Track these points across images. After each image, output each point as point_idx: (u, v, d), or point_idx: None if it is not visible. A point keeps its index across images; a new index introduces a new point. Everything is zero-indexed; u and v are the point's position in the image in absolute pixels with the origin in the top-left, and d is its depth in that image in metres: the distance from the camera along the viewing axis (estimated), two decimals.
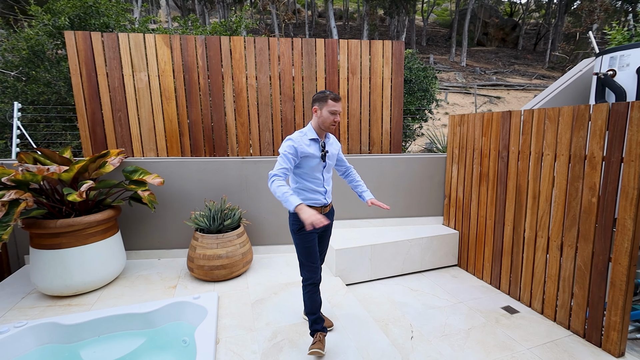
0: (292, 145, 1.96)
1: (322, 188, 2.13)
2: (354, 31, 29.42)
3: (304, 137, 2.02)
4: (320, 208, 2.14)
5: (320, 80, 3.93)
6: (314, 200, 2.11)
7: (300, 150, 1.97)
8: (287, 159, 1.93)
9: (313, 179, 2.08)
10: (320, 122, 2.02)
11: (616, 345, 2.22)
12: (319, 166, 2.08)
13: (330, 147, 2.16)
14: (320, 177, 2.11)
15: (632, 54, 2.99)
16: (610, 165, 2.19)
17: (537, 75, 21.68)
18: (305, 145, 2.00)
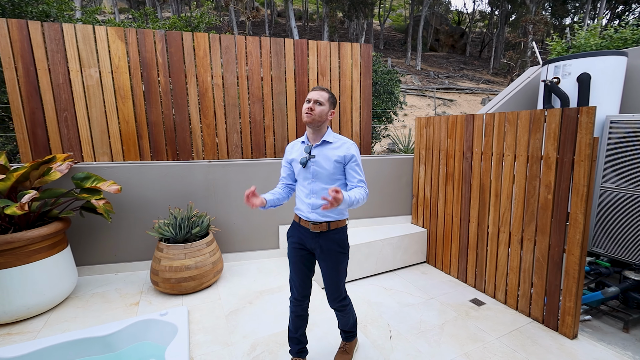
0: (286, 152, 1.95)
1: (308, 199, 1.81)
2: (314, 32, 29.59)
3: (298, 140, 1.92)
4: (308, 223, 1.83)
5: (290, 81, 3.86)
6: (299, 210, 1.89)
7: (287, 156, 1.93)
8: (281, 168, 1.95)
9: (301, 187, 1.86)
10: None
11: (571, 328, 2.44)
12: (302, 173, 1.82)
13: (322, 153, 1.77)
14: (307, 186, 1.81)
15: (573, 64, 3.33)
16: (563, 165, 2.40)
17: (483, 80, 23.49)
18: (293, 149, 1.90)
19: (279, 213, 3.69)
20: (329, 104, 1.80)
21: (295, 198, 1.94)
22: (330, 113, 1.81)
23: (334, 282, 1.89)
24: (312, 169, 1.79)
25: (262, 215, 3.63)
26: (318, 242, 1.84)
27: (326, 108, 1.78)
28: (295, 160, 1.87)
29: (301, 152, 1.84)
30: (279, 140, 3.89)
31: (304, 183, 1.84)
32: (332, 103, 1.83)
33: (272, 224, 3.69)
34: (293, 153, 1.89)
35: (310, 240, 1.85)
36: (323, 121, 1.78)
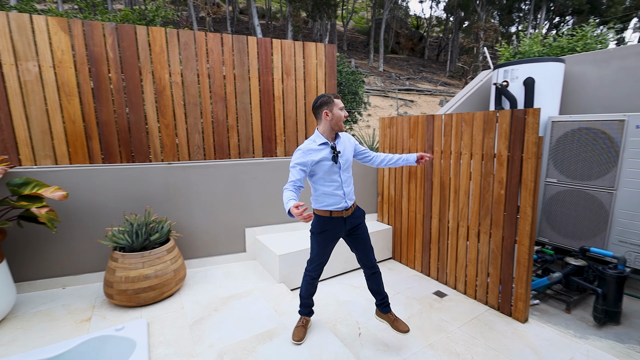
0: (300, 156, 2.01)
1: (340, 191, 2.11)
2: (278, 31, 29.30)
3: (313, 143, 2.07)
4: (342, 212, 2.14)
5: (254, 80, 3.77)
6: (334, 206, 2.11)
7: (310, 159, 2.01)
8: (296, 171, 1.98)
9: (330, 183, 2.09)
10: (334, 123, 2.08)
11: (522, 313, 2.65)
12: (333, 168, 2.08)
13: (343, 146, 2.15)
14: (338, 179, 2.10)
15: (520, 69, 3.61)
16: (513, 162, 2.59)
17: (440, 82, 24.77)
18: (315, 152, 2.04)
19: (245, 215, 3.60)
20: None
21: (318, 196, 2.14)
22: None
23: (371, 246, 2.38)
24: (340, 162, 2.10)
25: (227, 219, 3.52)
26: (350, 223, 2.20)
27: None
28: (324, 159, 2.05)
29: (327, 152, 2.06)
30: (243, 141, 3.79)
31: (332, 177, 2.09)
32: None
33: (238, 226, 3.59)
34: (317, 155, 2.05)
35: (343, 226, 2.18)
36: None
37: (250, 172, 3.57)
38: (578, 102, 3.87)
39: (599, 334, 2.55)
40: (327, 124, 2.09)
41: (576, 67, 3.86)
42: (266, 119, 3.85)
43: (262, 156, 3.95)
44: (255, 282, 3.18)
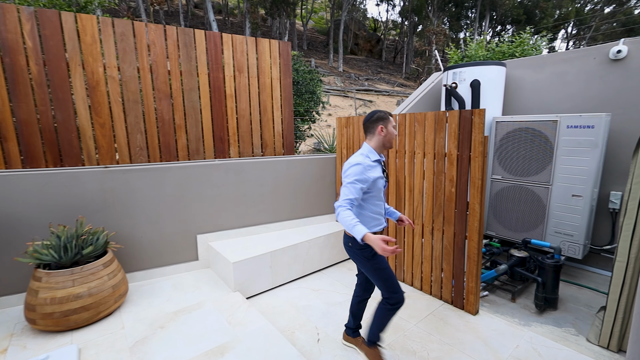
0: (361, 171, 1.85)
1: (382, 210, 2.08)
2: (236, 27, 28.43)
3: (367, 159, 1.93)
4: (381, 232, 2.07)
5: (203, 76, 3.53)
6: (378, 227, 2.04)
7: (369, 175, 1.89)
8: (356, 189, 1.82)
9: (378, 201, 2.01)
10: (387, 140, 2.01)
11: (473, 306, 2.75)
12: (383, 188, 2.02)
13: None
14: (383, 197, 2.05)
15: (467, 71, 3.78)
16: (462, 161, 2.68)
17: (397, 83, 25.71)
18: (372, 169, 1.92)
19: (196, 221, 3.36)
20: None
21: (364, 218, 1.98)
22: None
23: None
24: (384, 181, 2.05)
25: (176, 225, 3.26)
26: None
27: None
28: (379, 178, 1.95)
29: (379, 169, 1.98)
30: (193, 141, 3.54)
31: (379, 195, 2.00)
32: None
33: (188, 233, 3.34)
34: (374, 172, 1.93)
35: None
36: None
37: (201, 175, 3.34)
38: (518, 103, 4.15)
39: (540, 320, 2.73)
40: (379, 140, 2.00)
41: (515, 70, 4.14)
42: (218, 118, 3.63)
43: (214, 157, 3.73)
44: (207, 293, 2.97)
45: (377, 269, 1.96)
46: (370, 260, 1.96)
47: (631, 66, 3.30)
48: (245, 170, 3.56)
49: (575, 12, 27.99)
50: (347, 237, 2.01)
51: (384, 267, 1.98)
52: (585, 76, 3.59)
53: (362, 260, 1.98)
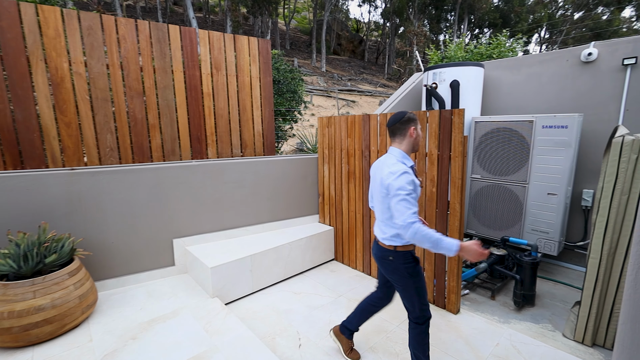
0: (410, 180, 1.70)
1: None
2: (217, 26, 27.90)
3: (404, 164, 1.77)
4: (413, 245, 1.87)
5: (178, 74, 3.39)
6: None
7: (415, 181, 1.75)
8: (414, 199, 1.68)
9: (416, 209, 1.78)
10: (416, 142, 1.86)
11: (454, 305, 2.76)
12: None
13: None
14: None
15: (447, 72, 3.81)
16: (443, 161, 2.68)
17: (380, 84, 25.98)
18: (413, 174, 1.78)
19: (172, 224, 3.22)
20: None
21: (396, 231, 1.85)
22: None
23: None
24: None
25: (151, 230, 3.11)
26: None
27: None
28: (418, 185, 1.80)
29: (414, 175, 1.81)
30: (168, 142, 3.39)
31: (416, 204, 1.77)
32: None
33: (164, 238, 3.19)
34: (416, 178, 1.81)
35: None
36: None
37: (177, 177, 3.20)
38: (496, 103, 4.23)
39: (518, 317, 2.77)
40: (410, 143, 1.84)
41: (493, 72, 4.22)
42: (194, 117, 3.50)
43: (190, 158, 3.59)
44: (184, 300, 2.84)
45: (418, 287, 1.85)
46: (413, 277, 1.83)
47: (601, 68, 3.42)
48: (224, 171, 3.44)
49: (548, 17, 29.22)
50: (386, 250, 1.85)
51: (424, 284, 1.88)
52: (559, 78, 3.69)
53: (403, 276, 1.83)
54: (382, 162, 1.88)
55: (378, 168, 1.90)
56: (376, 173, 1.91)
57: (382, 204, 1.83)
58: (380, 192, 1.80)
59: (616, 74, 3.32)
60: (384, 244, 1.87)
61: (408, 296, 1.88)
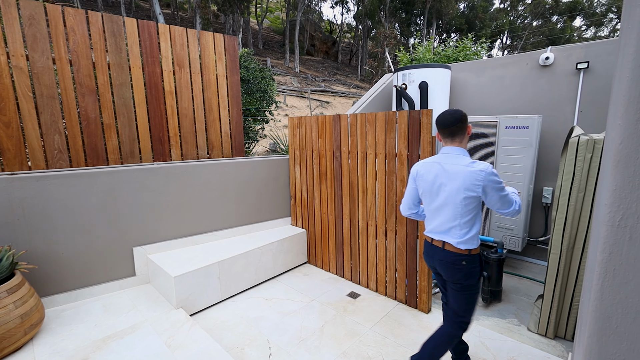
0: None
1: None
2: (186, 23, 26.97)
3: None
4: None
5: (136, 70, 3.17)
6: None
7: None
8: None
9: None
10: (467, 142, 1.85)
11: (426, 304, 2.78)
12: None
13: None
14: None
15: (415, 73, 3.86)
16: (412, 161, 2.69)
17: (353, 85, 26.27)
18: None
19: (132, 232, 3.00)
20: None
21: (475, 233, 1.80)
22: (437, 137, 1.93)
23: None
24: None
25: (108, 238, 2.87)
26: None
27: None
28: None
29: None
30: (126, 143, 3.16)
31: None
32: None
33: (122, 246, 2.96)
34: None
35: None
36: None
37: (137, 180, 2.98)
38: (462, 104, 4.35)
39: (486, 313, 2.84)
40: (466, 140, 1.83)
41: (459, 73, 4.33)
42: (155, 116, 3.29)
43: (152, 161, 3.37)
44: (145, 313, 2.65)
45: (475, 293, 1.82)
46: (479, 281, 1.83)
47: (557, 72, 3.60)
48: (189, 174, 3.26)
49: (509, 24, 30.95)
50: (460, 255, 1.76)
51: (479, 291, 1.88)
52: (520, 80, 3.85)
53: (475, 279, 1.79)
54: (448, 163, 1.77)
55: (446, 171, 1.76)
56: (442, 175, 1.77)
57: (460, 206, 1.73)
58: (463, 193, 1.70)
59: (571, 77, 3.51)
60: (459, 248, 1.76)
61: (470, 300, 1.83)
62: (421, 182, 1.88)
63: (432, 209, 1.86)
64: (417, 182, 1.92)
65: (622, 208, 0.46)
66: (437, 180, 1.79)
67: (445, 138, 1.82)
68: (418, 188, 1.93)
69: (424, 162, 1.89)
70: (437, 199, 1.81)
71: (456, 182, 1.72)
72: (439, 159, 1.82)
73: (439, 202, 1.80)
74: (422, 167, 1.89)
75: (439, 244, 1.84)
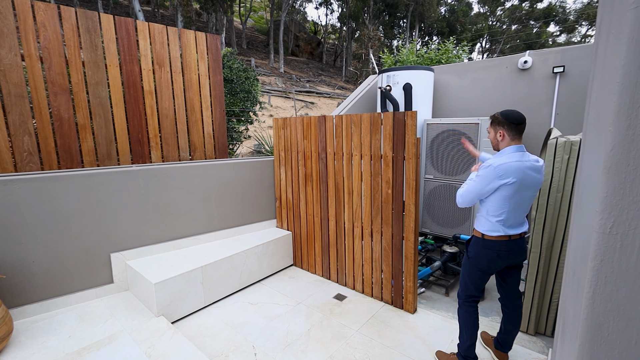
0: None
1: None
2: (167, 21, 26.34)
3: None
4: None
5: (113, 68, 3.04)
6: None
7: None
8: None
9: None
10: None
11: (412, 304, 2.79)
12: None
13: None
14: None
15: (400, 75, 3.89)
16: (397, 162, 2.70)
17: (338, 86, 26.37)
18: None
19: (110, 237, 2.87)
20: (493, 129, 1.94)
21: None
22: (498, 135, 1.91)
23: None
24: None
25: (83, 245, 2.74)
26: None
27: (491, 134, 1.96)
28: None
29: None
30: (103, 144, 3.03)
31: None
32: (496, 124, 1.92)
33: (99, 253, 2.84)
34: None
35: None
36: (496, 146, 1.96)
37: (114, 183, 2.86)
38: (445, 106, 4.43)
39: None
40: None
41: (442, 76, 4.41)
42: (134, 117, 3.17)
43: (130, 163, 3.25)
44: (124, 322, 2.54)
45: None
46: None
47: (535, 75, 3.71)
48: (170, 177, 3.16)
49: (488, 28, 31.90)
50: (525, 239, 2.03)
51: None
52: (500, 83, 3.95)
53: None
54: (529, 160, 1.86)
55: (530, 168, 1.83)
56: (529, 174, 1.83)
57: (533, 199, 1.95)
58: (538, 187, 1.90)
59: (548, 80, 3.63)
60: (525, 231, 1.96)
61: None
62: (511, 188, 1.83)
63: (513, 207, 1.88)
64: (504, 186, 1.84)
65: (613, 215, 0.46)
66: (525, 179, 1.83)
67: (516, 136, 1.88)
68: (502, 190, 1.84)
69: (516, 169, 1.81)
70: (525, 195, 1.88)
71: (538, 177, 1.87)
72: (521, 158, 1.84)
73: (523, 198, 1.89)
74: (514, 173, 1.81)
75: (517, 236, 1.95)
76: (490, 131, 1.98)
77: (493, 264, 1.99)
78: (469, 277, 2.08)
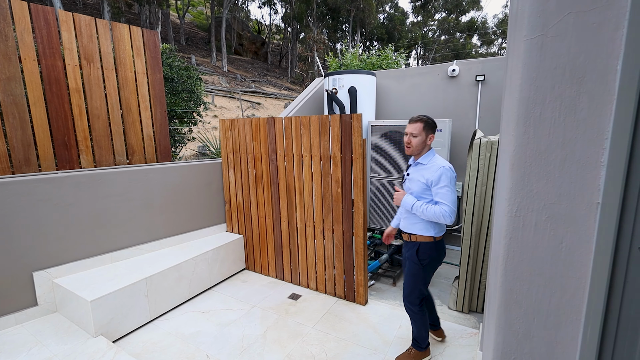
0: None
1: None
2: (91, 10, 23.64)
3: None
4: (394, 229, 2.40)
5: (30, 62, 2.67)
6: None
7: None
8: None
9: None
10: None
11: (363, 297, 2.95)
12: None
13: (414, 173, 2.09)
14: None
15: (345, 78, 4.06)
16: (346, 162, 2.83)
17: (284, 87, 26.30)
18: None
19: (31, 254, 2.53)
20: (425, 132, 2.00)
21: None
22: (428, 139, 2.01)
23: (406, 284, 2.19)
24: (405, 186, 2.17)
25: None
26: (405, 249, 2.20)
27: (421, 138, 2.00)
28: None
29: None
30: (18, 149, 2.65)
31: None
32: (429, 129, 2.00)
33: (19, 272, 2.48)
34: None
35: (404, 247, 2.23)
36: (421, 149, 2.04)
37: (35, 193, 2.52)
38: (387, 109, 4.73)
39: None
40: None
41: (383, 80, 4.71)
42: (58, 117, 2.83)
43: (55, 169, 2.89)
44: (54, 347, 2.26)
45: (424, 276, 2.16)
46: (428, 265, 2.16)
47: (461, 82, 4.17)
48: (105, 183, 2.88)
49: (422, 37, 34.63)
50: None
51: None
52: (433, 88, 4.35)
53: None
54: None
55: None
56: None
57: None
58: None
59: (472, 87, 4.10)
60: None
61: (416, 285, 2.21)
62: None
63: None
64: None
65: (516, 202, 0.58)
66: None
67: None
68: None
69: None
70: None
71: None
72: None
73: None
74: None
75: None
76: (418, 134, 1.97)
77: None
78: (424, 281, 2.11)
